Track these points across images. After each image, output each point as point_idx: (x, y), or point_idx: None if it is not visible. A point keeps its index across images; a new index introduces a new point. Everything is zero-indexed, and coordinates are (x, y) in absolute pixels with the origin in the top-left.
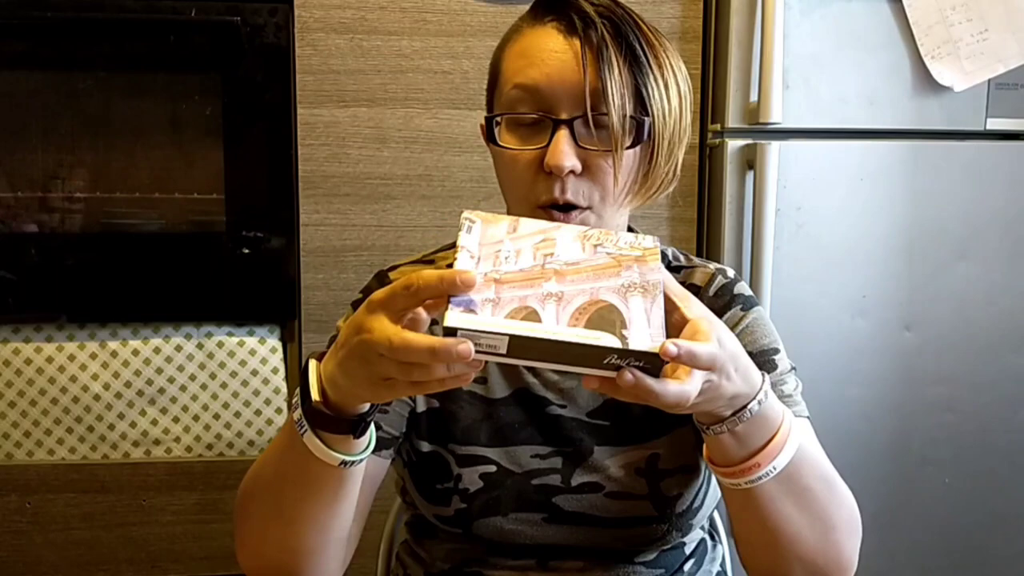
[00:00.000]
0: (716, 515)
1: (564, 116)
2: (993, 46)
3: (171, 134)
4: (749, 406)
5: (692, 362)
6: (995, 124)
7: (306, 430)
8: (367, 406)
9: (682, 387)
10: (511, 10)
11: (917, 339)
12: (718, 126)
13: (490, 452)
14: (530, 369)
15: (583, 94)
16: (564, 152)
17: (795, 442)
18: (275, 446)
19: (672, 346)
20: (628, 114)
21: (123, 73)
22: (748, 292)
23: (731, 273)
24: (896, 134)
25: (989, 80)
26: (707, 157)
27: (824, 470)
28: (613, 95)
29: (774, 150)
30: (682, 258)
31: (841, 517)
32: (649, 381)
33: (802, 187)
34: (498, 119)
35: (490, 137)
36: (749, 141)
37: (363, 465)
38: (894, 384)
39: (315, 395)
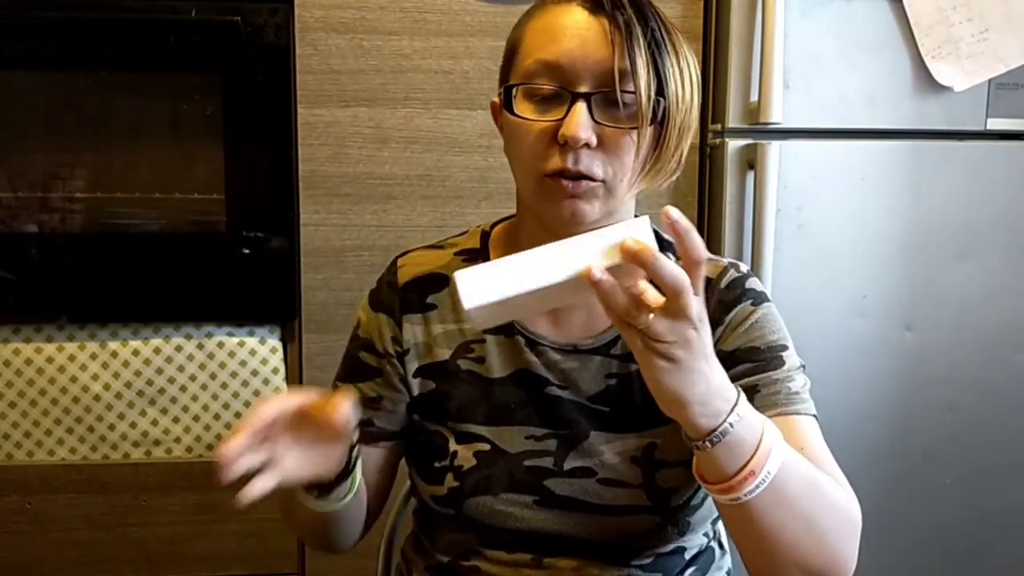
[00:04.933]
0: (723, 532)
1: (583, 90)
2: (993, 46)
3: (171, 134)
4: (737, 409)
5: (688, 237)
6: (995, 124)
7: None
8: (332, 476)
9: (680, 271)
10: (511, 10)
11: (917, 339)
12: (718, 126)
13: (484, 430)
14: (532, 348)
15: (605, 71)
16: (581, 124)
17: (780, 445)
18: None
19: (673, 210)
20: (652, 94)
21: (123, 73)
22: (760, 288)
23: (744, 268)
24: (896, 134)
25: (989, 80)
26: (707, 157)
27: (812, 475)
28: (641, 73)
29: (774, 150)
30: None
31: (834, 519)
32: (654, 248)
33: (802, 187)
34: (515, 90)
35: (507, 106)
36: (749, 141)
37: (355, 500)
38: (894, 384)
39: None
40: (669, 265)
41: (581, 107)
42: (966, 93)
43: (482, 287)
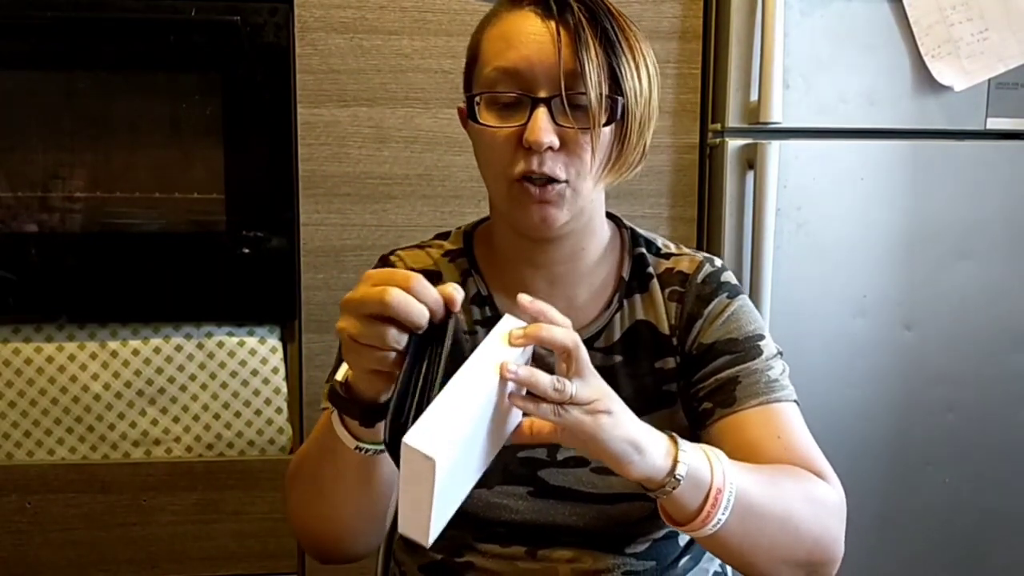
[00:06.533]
0: None
1: (543, 95)
2: (993, 45)
3: (171, 134)
4: (679, 441)
5: (547, 316)
6: (995, 124)
7: (334, 410)
8: (375, 395)
9: (562, 329)
10: None
11: (917, 339)
12: (718, 126)
13: None
14: None
15: (570, 72)
16: (543, 128)
17: (728, 460)
18: (319, 425)
19: (524, 296)
20: (604, 93)
21: (123, 73)
22: (734, 281)
23: (718, 262)
24: (896, 134)
25: (989, 80)
26: (707, 157)
27: (770, 475)
28: (590, 75)
29: (774, 150)
30: (672, 246)
31: (806, 508)
32: (533, 327)
33: (802, 187)
34: (478, 99)
35: (471, 115)
36: (749, 141)
37: (385, 456)
38: (894, 384)
39: (340, 375)
40: (555, 329)
41: (542, 112)
42: (966, 93)
43: (435, 435)
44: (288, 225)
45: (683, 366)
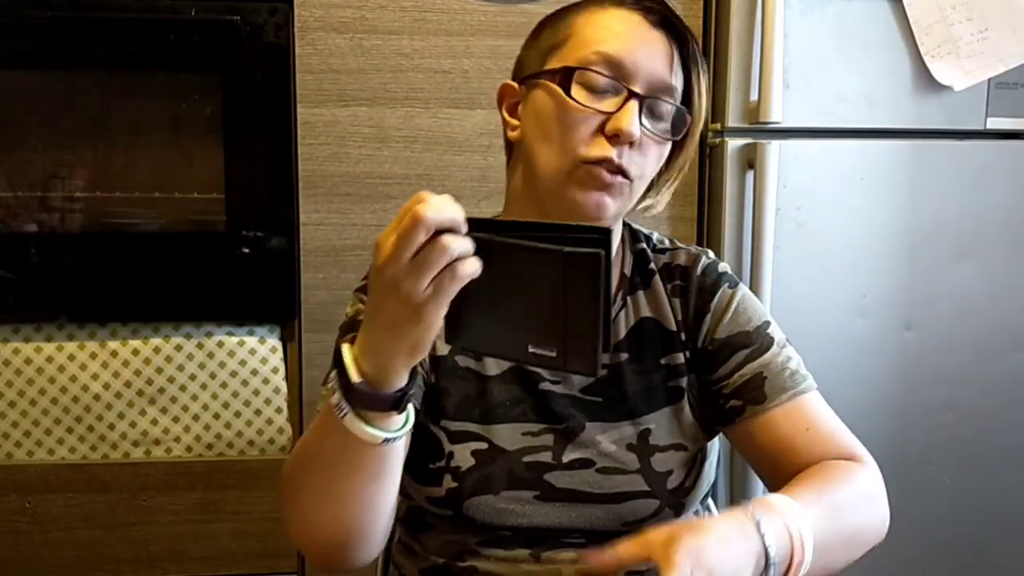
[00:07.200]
0: (714, 508)
1: (638, 90)
2: (993, 45)
3: (171, 134)
4: (760, 527)
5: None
6: (995, 123)
7: (346, 413)
8: (405, 379)
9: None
10: (511, 9)
11: (917, 339)
12: (718, 125)
13: (481, 429)
14: None
15: (656, 80)
16: (635, 121)
17: (799, 513)
18: (314, 431)
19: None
20: (701, 116)
21: (123, 73)
22: (730, 271)
23: (712, 254)
24: (896, 134)
25: (989, 79)
26: (707, 157)
27: (833, 502)
28: (696, 88)
29: (774, 150)
30: (667, 241)
31: (863, 512)
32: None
33: (802, 187)
34: (574, 73)
35: (563, 86)
36: (749, 140)
37: (404, 440)
38: (894, 384)
39: (355, 376)
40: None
41: (635, 105)
42: (966, 93)
43: None
44: (288, 225)
45: (694, 362)
